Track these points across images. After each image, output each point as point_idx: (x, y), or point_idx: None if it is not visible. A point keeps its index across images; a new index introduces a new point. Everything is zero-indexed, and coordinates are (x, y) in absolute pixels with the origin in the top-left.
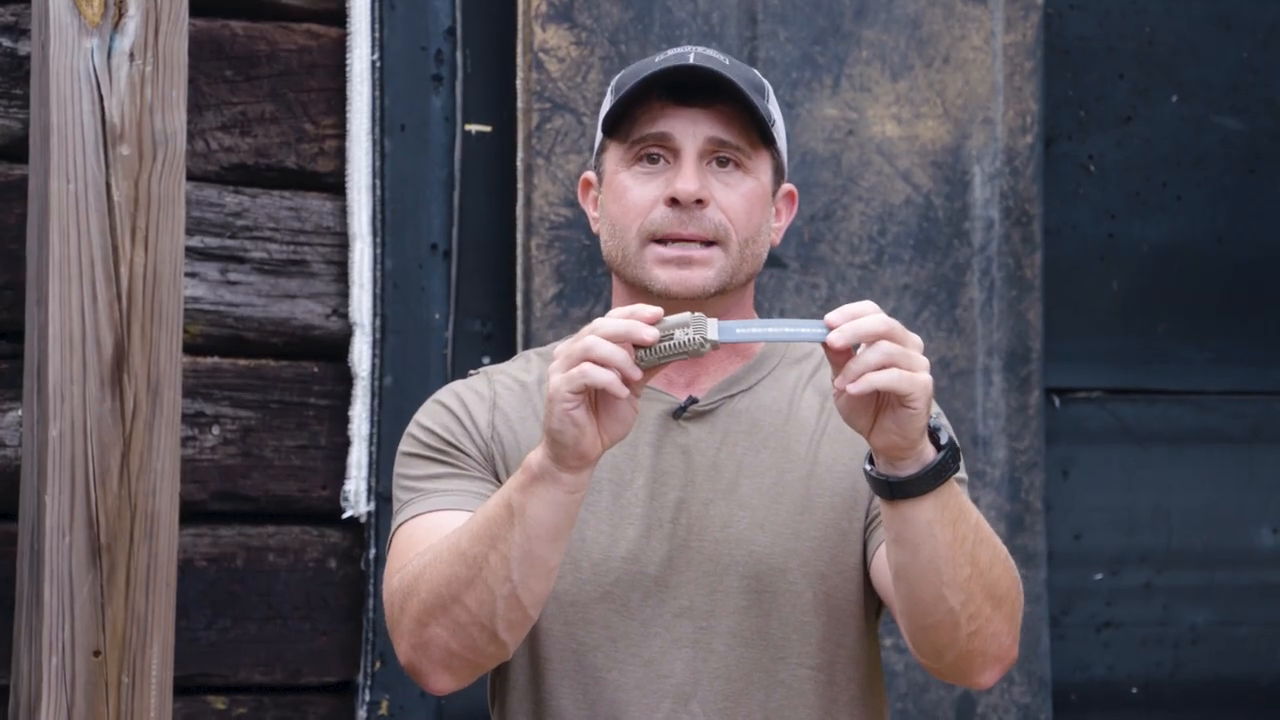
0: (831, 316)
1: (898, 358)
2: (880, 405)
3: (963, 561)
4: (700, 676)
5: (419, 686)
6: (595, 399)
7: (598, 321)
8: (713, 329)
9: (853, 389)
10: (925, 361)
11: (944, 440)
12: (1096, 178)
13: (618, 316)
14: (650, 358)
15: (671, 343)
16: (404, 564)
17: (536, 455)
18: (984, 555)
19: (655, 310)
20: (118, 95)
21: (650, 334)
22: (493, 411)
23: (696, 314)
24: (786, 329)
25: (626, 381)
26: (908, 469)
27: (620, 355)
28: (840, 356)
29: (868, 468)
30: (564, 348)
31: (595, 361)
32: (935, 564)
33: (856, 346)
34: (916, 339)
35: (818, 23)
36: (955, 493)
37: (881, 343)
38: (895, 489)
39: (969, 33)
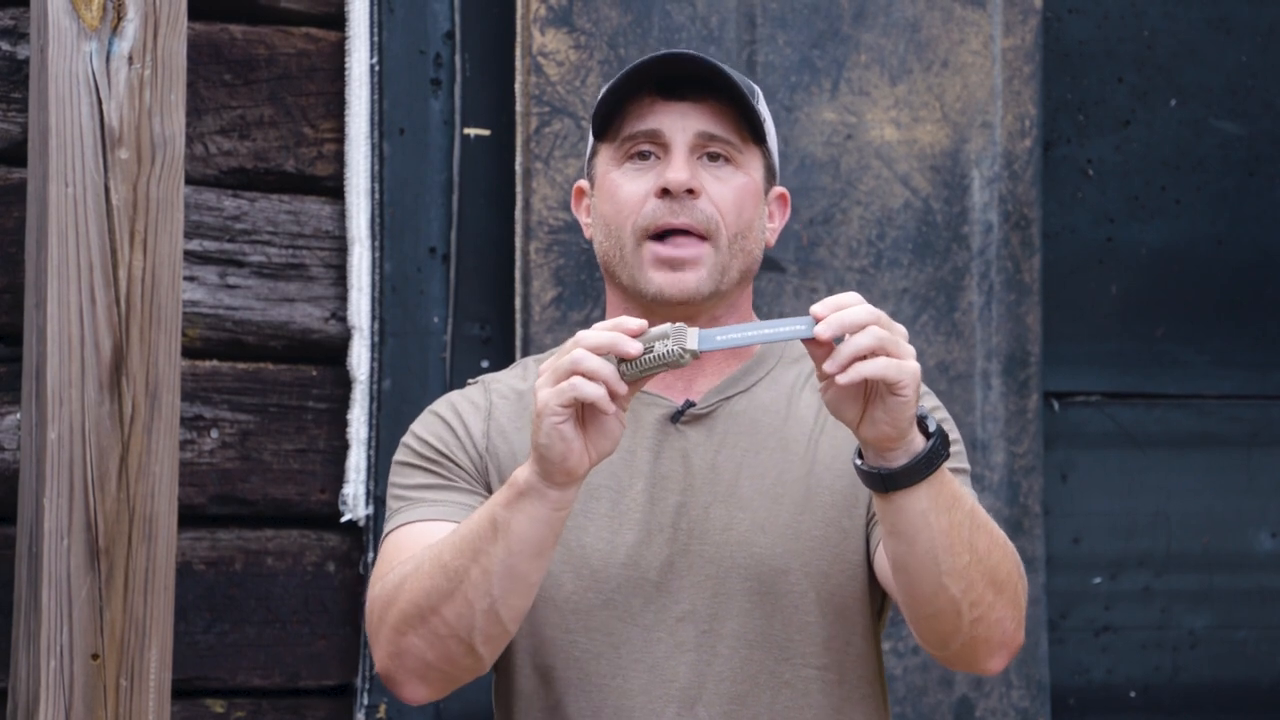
0: (817, 308)
1: (887, 345)
2: (869, 396)
3: (960, 549)
4: (705, 680)
5: (390, 689)
6: (583, 414)
7: (582, 334)
8: (693, 339)
9: (842, 379)
10: (913, 350)
11: (932, 428)
12: (1095, 181)
13: (604, 328)
14: (632, 371)
15: (652, 355)
16: (387, 572)
17: (524, 471)
18: (982, 541)
19: (640, 322)
20: (116, 99)
21: (634, 347)
22: (488, 422)
23: (678, 324)
24: (767, 330)
25: (613, 396)
26: (898, 460)
27: (608, 369)
28: (822, 349)
29: (857, 462)
30: (550, 363)
31: (583, 375)
32: (933, 553)
33: (840, 339)
34: (902, 329)
35: (816, 26)
36: (947, 480)
37: (871, 328)
38: (888, 481)
39: (968, 37)
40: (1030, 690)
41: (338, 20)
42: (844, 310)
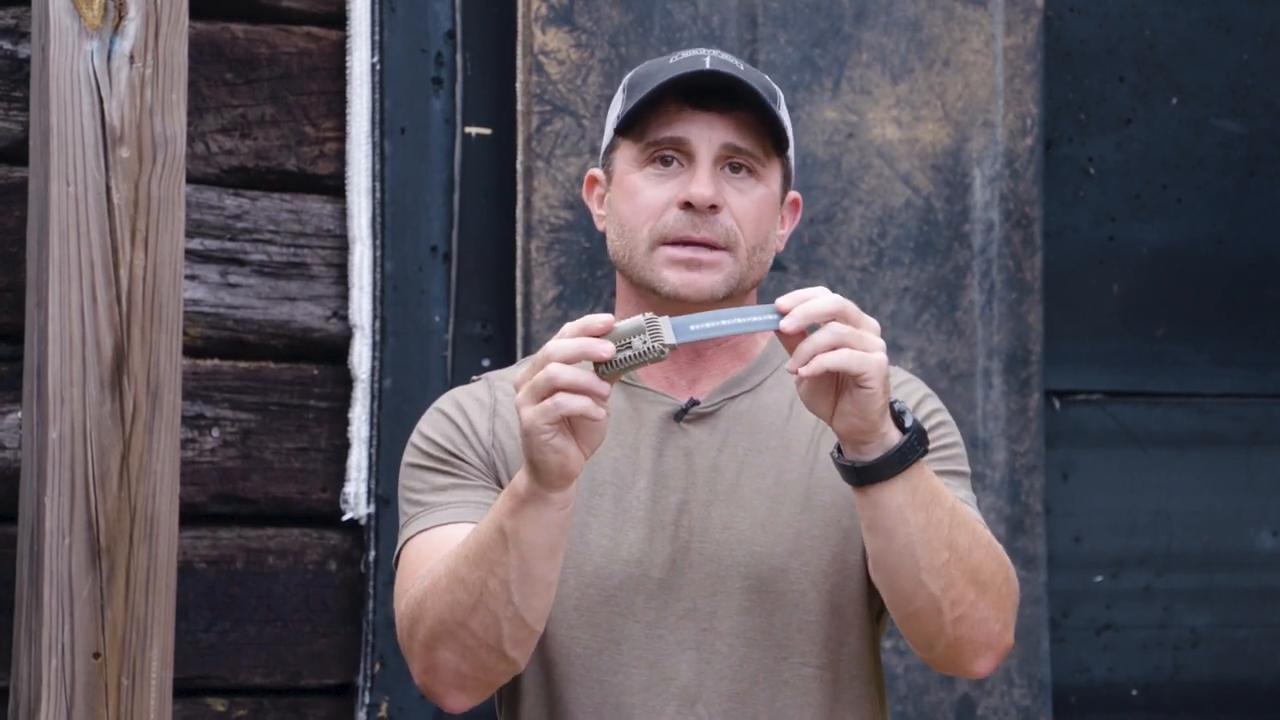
0: (782, 301)
1: (848, 338)
2: (839, 388)
3: (939, 546)
4: (705, 678)
5: (432, 701)
6: (571, 420)
7: (551, 345)
8: (668, 331)
9: (804, 371)
10: (880, 343)
11: (908, 423)
12: (1096, 180)
13: (569, 334)
14: (610, 370)
15: (630, 352)
16: (409, 585)
17: (522, 480)
18: (962, 539)
19: (605, 318)
20: (118, 98)
21: (607, 350)
22: (493, 419)
23: (649, 316)
24: (739, 319)
25: (595, 397)
26: (872, 453)
27: (586, 378)
28: (795, 341)
29: (835, 455)
30: (523, 377)
31: (563, 389)
32: (910, 549)
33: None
34: (872, 322)
35: (818, 25)
36: (926, 476)
37: (832, 324)
38: (862, 474)
39: (969, 35)
40: (1032, 689)
41: (339, 19)
42: (808, 303)
